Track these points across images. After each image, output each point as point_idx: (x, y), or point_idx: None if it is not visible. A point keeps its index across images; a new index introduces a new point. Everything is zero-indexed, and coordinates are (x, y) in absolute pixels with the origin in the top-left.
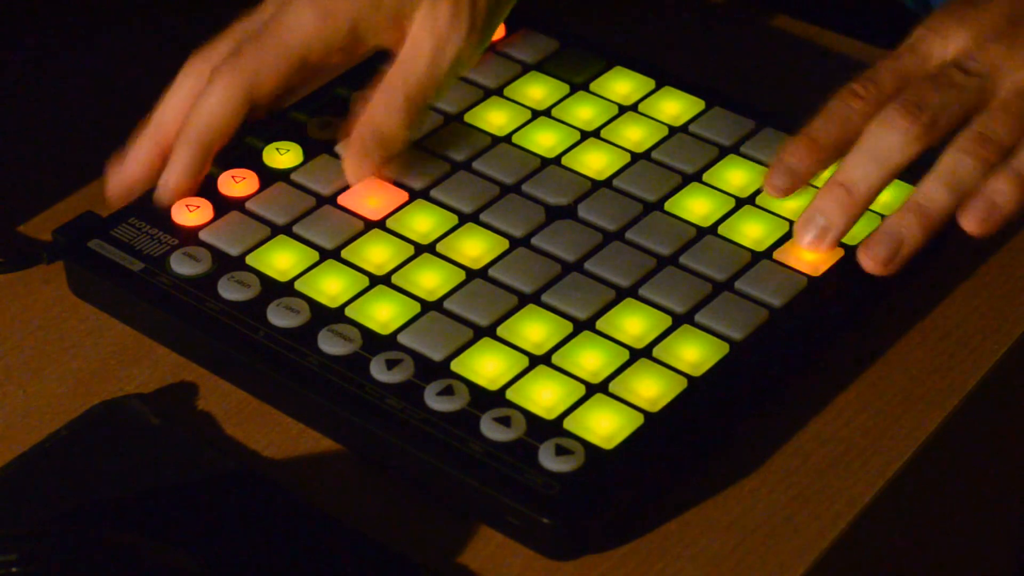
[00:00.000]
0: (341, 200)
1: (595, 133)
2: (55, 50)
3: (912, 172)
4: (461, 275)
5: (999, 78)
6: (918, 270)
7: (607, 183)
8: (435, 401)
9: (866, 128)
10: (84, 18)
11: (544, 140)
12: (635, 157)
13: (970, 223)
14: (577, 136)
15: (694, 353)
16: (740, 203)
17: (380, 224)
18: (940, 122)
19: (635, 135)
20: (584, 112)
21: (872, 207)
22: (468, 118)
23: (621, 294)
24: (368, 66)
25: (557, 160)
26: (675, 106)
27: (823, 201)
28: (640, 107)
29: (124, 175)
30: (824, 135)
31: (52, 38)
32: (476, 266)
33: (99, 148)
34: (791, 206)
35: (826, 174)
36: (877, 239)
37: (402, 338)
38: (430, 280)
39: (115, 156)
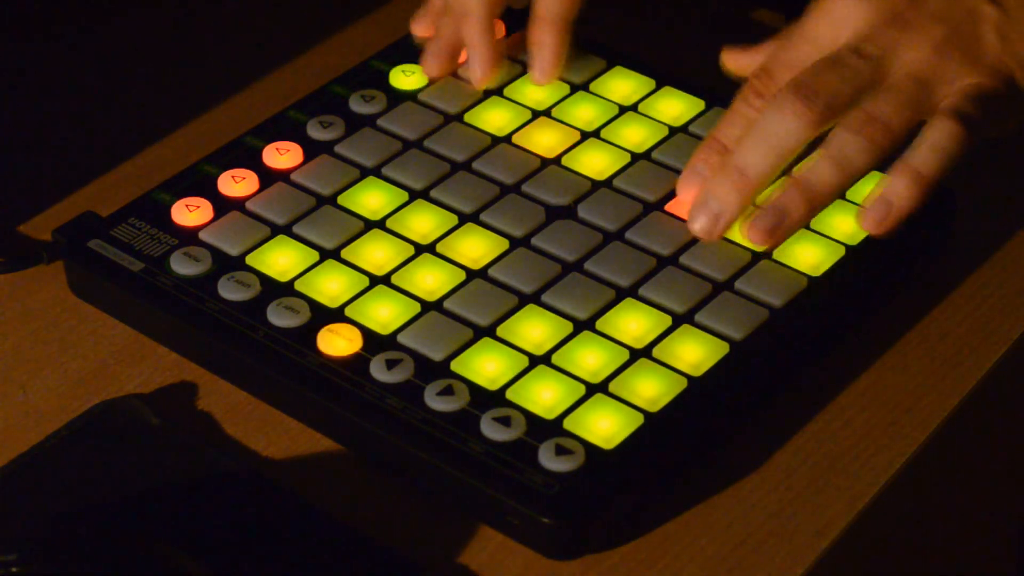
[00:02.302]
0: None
1: (595, 133)
2: (55, 50)
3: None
4: (461, 275)
5: (892, 60)
6: (918, 270)
7: (607, 183)
8: (435, 401)
9: (763, 111)
10: (84, 18)
11: (544, 140)
12: (635, 157)
13: (868, 224)
14: (577, 136)
15: (694, 353)
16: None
17: (380, 224)
18: (835, 106)
19: (635, 135)
20: (584, 112)
21: (848, 197)
22: (468, 118)
23: (621, 294)
24: (364, 67)
25: (557, 160)
26: (675, 106)
27: (717, 185)
28: (640, 107)
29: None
30: (728, 136)
31: (52, 38)
32: (476, 266)
33: (99, 148)
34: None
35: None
36: (761, 213)
37: (402, 338)
38: (430, 280)
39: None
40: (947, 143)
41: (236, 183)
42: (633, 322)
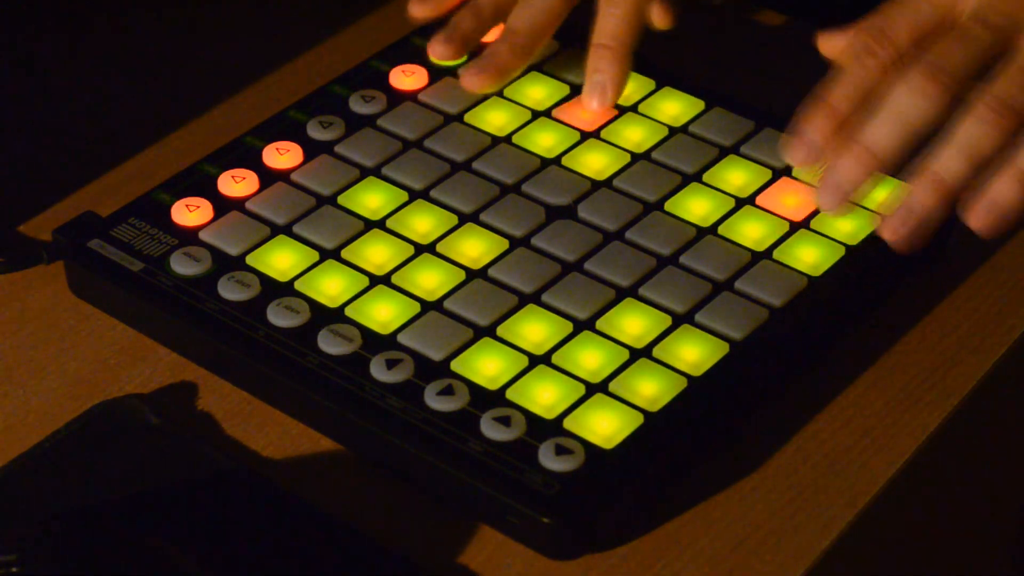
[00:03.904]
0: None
1: (595, 133)
2: (55, 50)
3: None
4: (461, 275)
5: (1017, 29)
6: (918, 270)
7: (607, 183)
8: (435, 401)
9: (891, 90)
10: (84, 17)
11: (544, 140)
12: (635, 157)
13: (977, 224)
14: (577, 136)
15: (694, 353)
16: (740, 203)
17: (380, 224)
18: (964, 82)
19: (635, 135)
20: (584, 112)
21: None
22: (468, 118)
23: (621, 294)
24: (364, 67)
25: (557, 160)
26: (675, 106)
27: (845, 164)
28: (640, 107)
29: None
30: (839, 98)
31: (52, 37)
32: (476, 266)
33: (99, 148)
34: (791, 204)
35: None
36: (898, 215)
37: (402, 338)
38: (430, 280)
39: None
40: None
41: (236, 183)
42: (633, 322)
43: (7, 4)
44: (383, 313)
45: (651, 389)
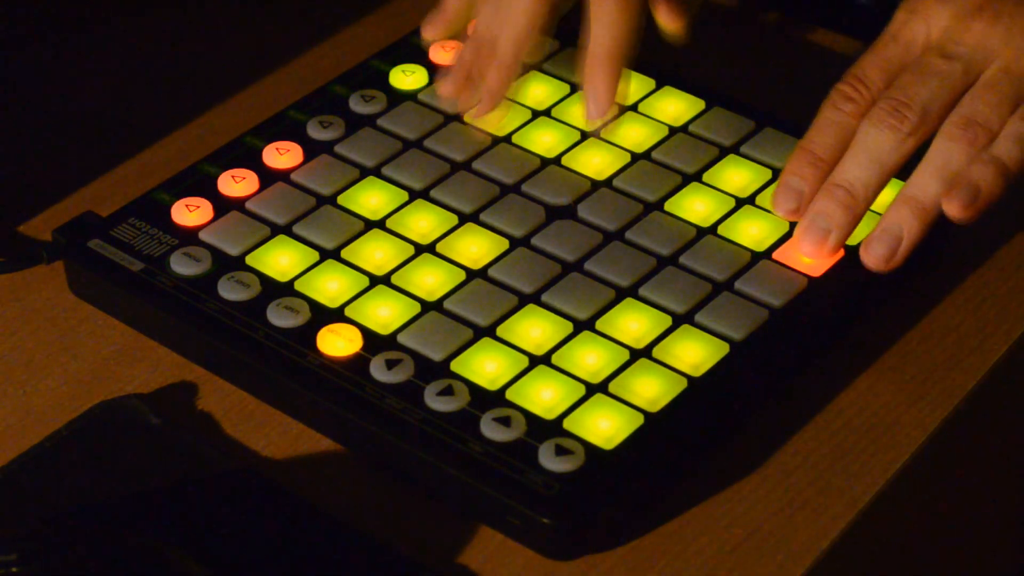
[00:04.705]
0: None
1: (595, 133)
2: (55, 50)
3: (907, 167)
4: (461, 275)
5: (982, 57)
6: (918, 270)
7: (607, 183)
8: (435, 401)
9: (859, 128)
10: (84, 19)
11: (544, 140)
12: (635, 157)
13: (953, 208)
14: (577, 136)
15: (694, 353)
16: (740, 203)
17: (380, 224)
18: (930, 114)
19: (635, 135)
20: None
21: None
22: (468, 118)
23: (621, 294)
24: (364, 67)
25: (557, 160)
26: (675, 106)
27: (824, 204)
28: (640, 107)
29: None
30: (821, 146)
31: (52, 39)
32: (476, 266)
33: (99, 148)
34: None
35: None
36: (876, 237)
37: (402, 338)
38: (430, 280)
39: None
40: None
41: (236, 183)
42: (633, 322)
43: (7, 4)
44: (383, 313)
45: (651, 389)
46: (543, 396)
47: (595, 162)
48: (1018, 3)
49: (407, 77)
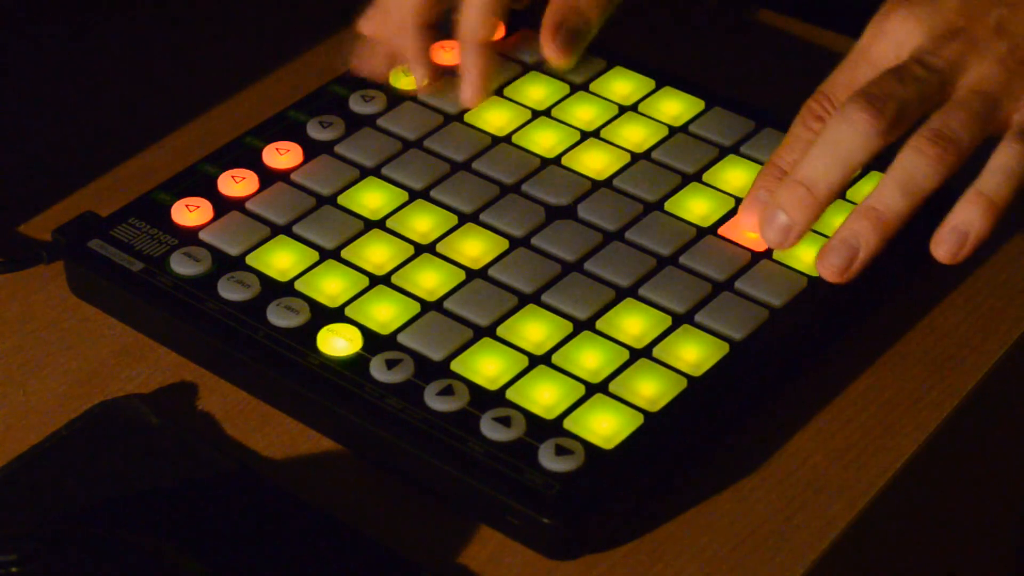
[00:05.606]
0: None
1: (595, 133)
2: (55, 50)
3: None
4: (461, 275)
5: (957, 75)
6: (918, 270)
7: (607, 183)
8: (435, 401)
9: (828, 122)
10: (83, 17)
11: (544, 140)
12: (635, 157)
13: (943, 254)
14: (577, 136)
15: (694, 353)
16: (740, 203)
17: (380, 224)
18: (903, 115)
19: (635, 135)
20: (584, 112)
21: (849, 197)
22: (468, 118)
23: (621, 294)
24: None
25: (557, 160)
26: (675, 106)
27: (784, 198)
28: (640, 107)
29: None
30: (788, 162)
31: (51, 37)
32: (476, 266)
33: (99, 148)
34: None
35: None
36: (833, 248)
37: (402, 338)
38: (430, 280)
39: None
40: (1017, 166)
41: (236, 183)
42: (633, 322)
43: (7, 4)
44: (383, 313)
45: (651, 389)
46: (543, 396)
47: (595, 162)
48: (991, 31)
49: (407, 77)
